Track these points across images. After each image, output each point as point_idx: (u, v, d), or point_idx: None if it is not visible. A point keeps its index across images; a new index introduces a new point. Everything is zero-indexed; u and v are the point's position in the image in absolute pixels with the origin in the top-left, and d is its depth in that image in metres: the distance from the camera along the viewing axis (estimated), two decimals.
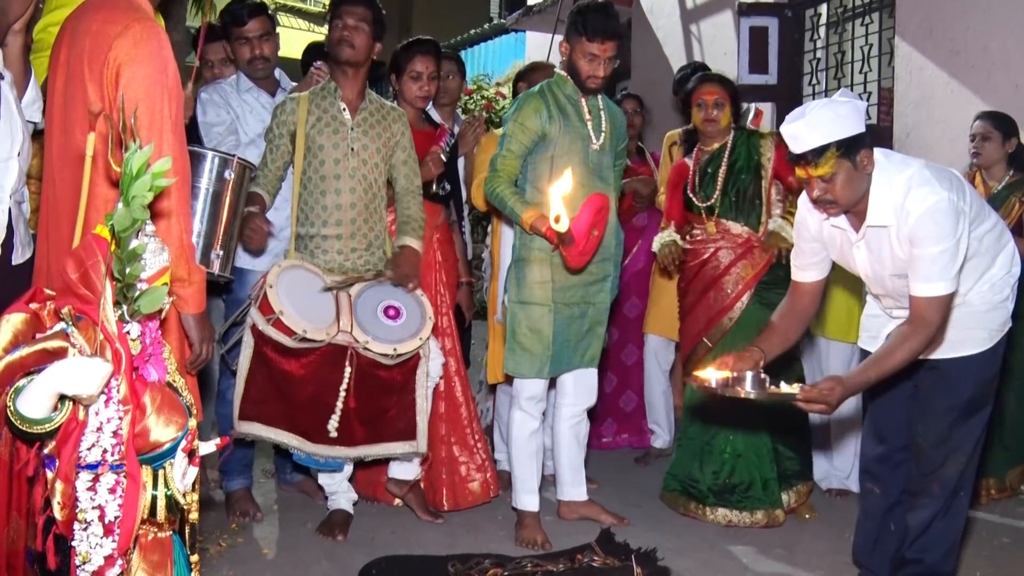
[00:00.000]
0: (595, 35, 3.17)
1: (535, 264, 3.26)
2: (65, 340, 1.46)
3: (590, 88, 3.26)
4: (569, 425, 3.45)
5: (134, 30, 2.00)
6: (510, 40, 11.82)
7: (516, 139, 3.23)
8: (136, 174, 1.50)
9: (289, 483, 3.82)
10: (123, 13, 2.04)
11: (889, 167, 2.48)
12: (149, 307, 1.48)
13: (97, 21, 2.06)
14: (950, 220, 2.39)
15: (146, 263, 1.54)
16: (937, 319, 2.44)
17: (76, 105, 2.07)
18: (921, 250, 2.41)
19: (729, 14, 6.43)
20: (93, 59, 2.02)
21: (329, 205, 3.19)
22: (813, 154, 2.40)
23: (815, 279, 2.77)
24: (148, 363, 1.55)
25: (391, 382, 3.15)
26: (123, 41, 1.99)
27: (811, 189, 2.48)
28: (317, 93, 3.25)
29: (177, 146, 2.07)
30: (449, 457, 3.63)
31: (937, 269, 2.40)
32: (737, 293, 3.57)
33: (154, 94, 2.01)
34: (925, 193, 2.40)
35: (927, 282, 2.42)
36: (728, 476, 3.52)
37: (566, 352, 3.31)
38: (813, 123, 2.40)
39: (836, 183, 2.42)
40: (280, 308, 2.92)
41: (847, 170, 2.41)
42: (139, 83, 1.99)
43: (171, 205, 1.95)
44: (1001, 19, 4.45)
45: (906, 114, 5.00)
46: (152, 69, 2.01)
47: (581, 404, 3.44)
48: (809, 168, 2.42)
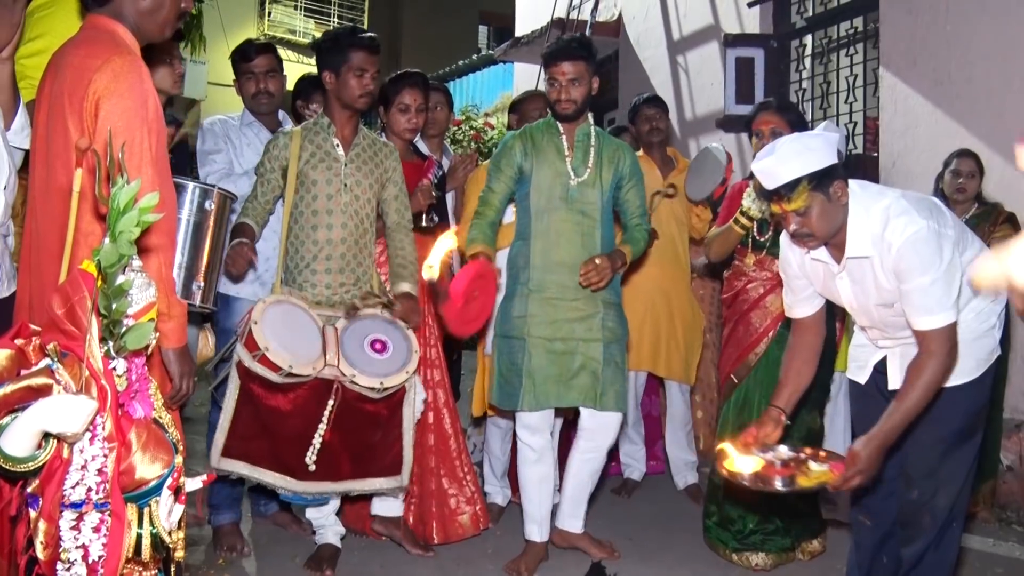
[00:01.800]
0: (550, 59, 3.26)
1: (516, 299, 3.32)
2: (50, 377, 1.44)
3: (562, 114, 3.30)
4: (582, 459, 3.41)
5: (114, 64, 1.99)
6: (498, 71, 11.91)
7: (493, 177, 3.35)
8: (123, 209, 1.50)
9: (263, 515, 3.79)
10: (105, 48, 2.04)
11: (865, 197, 2.49)
12: (135, 343, 1.46)
13: (79, 55, 2.05)
14: (932, 248, 2.39)
15: (132, 299, 1.53)
16: (945, 349, 2.42)
17: (57, 139, 2.05)
18: (910, 283, 2.41)
19: (715, 45, 6.49)
20: (73, 92, 2.01)
21: (320, 240, 3.18)
22: (785, 188, 2.40)
23: (811, 312, 2.77)
24: (134, 400, 1.53)
25: (377, 416, 3.13)
26: (103, 75, 1.98)
27: (787, 224, 2.48)
28: (310, 128, 3.25)
29: (158, 180, 2.05)
30: (439, 490, 3.61)
31: (933, 300, 2.39)
32: (765, 328, 3.53)
33: (133, 127, 1.99)
34: (904, 223, 2.40)
35: (927, 315, 2.41)
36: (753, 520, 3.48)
37: (553, 387, 3.26)
38: (783, 158, 2.40)
39: (811, 216, 2.42)
40: (265, 344, 2.90)
41: (821, 203, 2.41)
42: (118, 116, 1.98)
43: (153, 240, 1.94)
44: (984, 50, 4.50)
45: (891, 144, 5.03)
46: (132, 103, 1.99)
47: (596, 441, 3.38)
48: (783, 203, 2.43)
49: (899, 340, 2.66)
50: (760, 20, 6.13)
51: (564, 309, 3.27)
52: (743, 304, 3.61)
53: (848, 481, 2.43)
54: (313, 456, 3.01)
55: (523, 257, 3.33)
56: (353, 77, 3.16)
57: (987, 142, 4.45)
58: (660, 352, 4.30)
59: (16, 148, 2.26)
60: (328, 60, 3.18)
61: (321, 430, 3.01)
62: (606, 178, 3.35)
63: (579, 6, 7.59)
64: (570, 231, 3.28)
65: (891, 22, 5.02)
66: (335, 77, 3.17)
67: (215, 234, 2.66)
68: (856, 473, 2.41)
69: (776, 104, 3.56)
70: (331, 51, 3.17)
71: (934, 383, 2.44)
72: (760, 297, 3.56)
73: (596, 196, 3.33)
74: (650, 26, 7.32)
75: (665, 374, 4.38)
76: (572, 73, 3.24)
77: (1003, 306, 2.66)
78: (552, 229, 3.29)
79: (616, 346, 3.33)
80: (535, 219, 3.31)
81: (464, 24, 18.46)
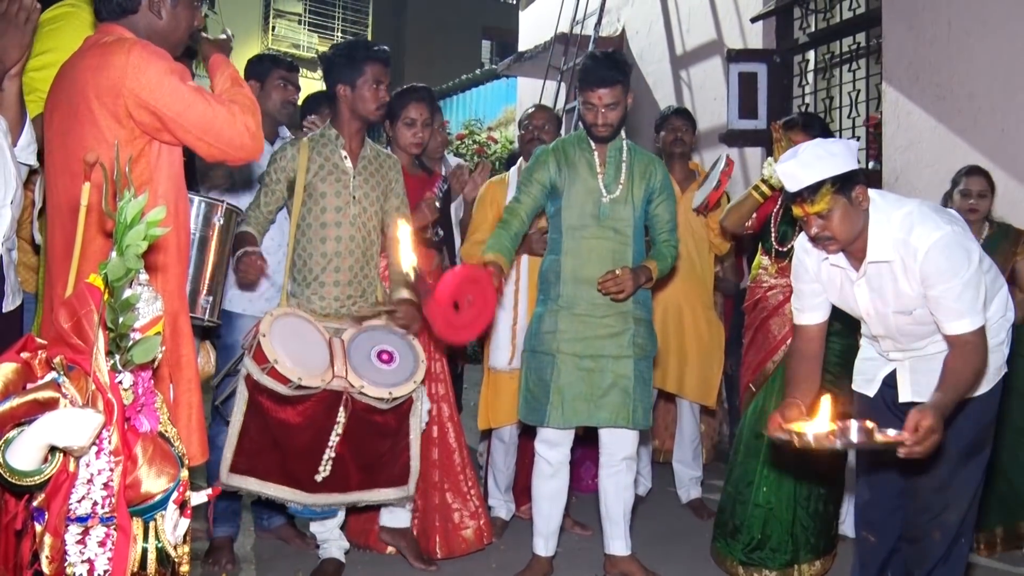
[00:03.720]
0: (588, 84, 3.21)
1: (547, 314, 3.28)
2: (56, 391, 1.44)
3: (597, 137, 3.28)
4: (607, 474, 3.39)
5: (136, 50, 2.05)
6: (501, 85, 11.95)
7: (523, 189, 3.30)
8: (130, 223, 1.50)
9: (266, 529, 3.77)
10: (119, 43, 2.08)
11: (885, 205, 2.50)
12: (142, 357, 1.46)
13: (95, 56, 2.08)
14: (959, 252, 2.40)
15: (139, 312, 1.53)
16: (980, 348, 2.42)
17: (82, 145, 2.07)
18: (939, 289, 2.41)
19: (718, 60, 6.51)
20: (102, 92, 2.04)
21: (329, 252, 3.18)
22: (808, 191, 2.42)
23: (817, 321, 2.77)
24: (140, 413, 1.53)
25: (386, 426, 3.13)
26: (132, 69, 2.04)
27: (809, 227, 2.50)
28: (317, 140, 3.24)
29: (227, 96, 2.21)
30: (442, 504, 3.60)
31: (966, 304, 2.40)
32: (783, 336, 3.51)
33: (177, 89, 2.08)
34: (929, 228, 2.41)
35: (959, 318, 2.41)
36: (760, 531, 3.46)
37: (581, 404, 3.23)
38: (806, 161, 2.43)
39: (833, 219, 2.43)
40: (275, 357, 2.89)
41: (843, 206, 2.42)
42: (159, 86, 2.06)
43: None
44: (986, 65, 4.52)
45: (894, 158, 5.04)
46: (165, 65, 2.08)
47: (617, 455, 3.35)
48: (806, 205, 2.44)
49: (911, 352, 2.66)
50: (763, 35, 6.15)
51: (594, 326, 3.24)
52: (762, 311, 3.61)
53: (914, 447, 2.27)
54: (326, 470, 3.00)
55: (554, 273, 3.30)
56: (369, 90, 3.17)
57: (990, 157, 4.46)
58: (670, 368, 4.28)
59: (22, 164, 2.26)
60: (342, 73, 3.18)
61: (333, 443, 3.01)
62: (638, 195, 3.31)
63: (583, 21, 7.61)
64: (601, 248, 3.25)
65: (894, 38, 5.04)
66: (350, 90, 3.18)
67: (220, 249, 2.67)
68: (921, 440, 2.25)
69: (802, 121, 3.57)
70: (345, 64, 3.18)
71: (980, 364, 2.42)
72: (779, 304, 3.56)
73: (628, 213, 3.30)
74: (653, 40, 7.34)
75: (676, 391, 4.36)
76: (609, 98, 3.21)
77: (1011, 322, 2.66)
78: (583, 246, 3.25)
79: (645, 362, 3.32)
80: (566, 236, 3.28)
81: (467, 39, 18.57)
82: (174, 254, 2.16)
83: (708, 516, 4.26)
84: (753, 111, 5.97)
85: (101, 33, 2.16)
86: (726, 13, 6.53)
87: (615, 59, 3.28)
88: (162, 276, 2.13)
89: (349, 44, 3.33)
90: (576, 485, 4.20)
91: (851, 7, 5.60)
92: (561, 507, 3.40)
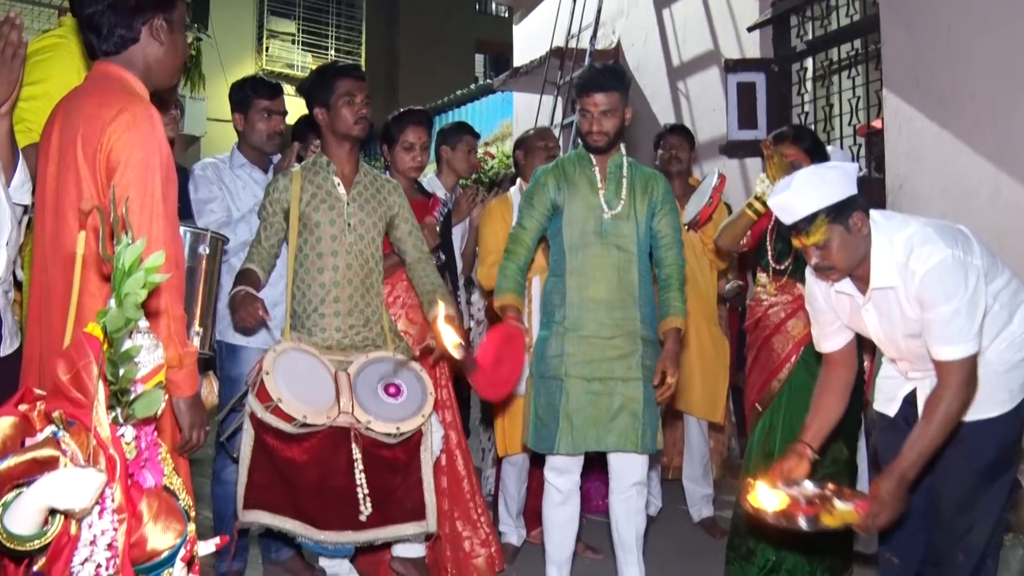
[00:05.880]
0: (584, 90, 3.17)
1: (552, 338, 3.21)
2: (56, 448, 1.38)
3: (593, 146, 3.21)
4: (617, 500, 3.30)
5: (127, 113, 1.98)
6: (497, 100, 11.91)
7: (525, 214, 3.24)
8: (129, 270, 1.45)
9: (275, 562, 3.71)
10: (117, 97, 2.02)
11: (888, 228, 2.46)
12: (144, 411, 1.41)
13: (91, 104, 2.03)
14: (957, 277, 2.35)
15: (140, 362, 1.48)
16: (962, 380, 2.38)
17: (68, 191, 2.02)
18: (933, 312, 2.37)
19: (715, 70, 6.47)
20: (87, 143, 1.99)
21: (327, 282, 3.12)
22: (804, 223, 2.39)
23: (841, 346, 2.73)
24: (144, 468, 1.47)
25: (395, 461, 3.06)
26: (116, 125, 1.97)
27: (808, 257, 2.47)
28: (309, 168, 3.19)
29: (169, 231, 2.03)
30: (453, 533, 3.54)
31: (955, 330, 2.35)
32: (787, 354, 3.47)
33: (146, 178, 1.97)
34: (928, 251, 2.37)
35: (947, 345, 2.37)
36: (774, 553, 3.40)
37: (591, 429, 3.15)
38: (800, 192, 2.39)
39: (832, 249, 2.40)
40: (278, 395, 2.83)
41: (840, 235, 2.39)
42: (132, 168, 1.96)
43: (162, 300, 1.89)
44: (987, 69, 4.47)
45: (897, 166, 4.99)
46: (144, 153, 1.98)
47: (627, 480, 3.26)
48: (802, 237, 2.42)
49: (929, 371, 2.61)
50: (760, 44, 6.12)
51: (602, 347, 3.17)
52: (764, 330, 3.56)
53: (873, 519, 2.38)
54: (367, 509, 2.94)
55: (558, 295, 3.22)
56: (344, 105, 3.10)
57: (994, 161, 4.41)
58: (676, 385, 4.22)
59: (16, 204, 2.21)
60: (317, 96, 3.14)
61: (361, 480, 2.94)
62: (640, 210, 3.24)
63: (578, 34, 7.58)
64: (606, 267, 3.18)
65: (892, 43, 5.00)
66: (327, 110, 3.13)
67: (208, 278, 2.63)
68: (879, 510, 2.35)
69: (792, 134, 3.51)
70: (318, 86, 3.13)
71: (952, 416, 2.39)
72: (781, 322, 3.52)
73: (631, 229, 3.22)
74: (649, 52, 7.31)
75: (682, 408, 4.31)
76: (605, 104, 3.14)
77: None
78: (587, 265, 3.17)
79: (652, 385, 3.24)
80: (569, 255, 3.20)
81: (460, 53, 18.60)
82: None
83: (721, 535, 4.20)
84: (752, 121, 5.94)
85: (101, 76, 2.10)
86: (722, 23, 6.50)
87: (612, 68, 3.26)
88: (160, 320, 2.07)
89: (318, 68, 3.29)
90: (586, 507, 4.13)
91: (848, 14, 5.57)
92: (573, 534, 3.33)
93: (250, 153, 3.56)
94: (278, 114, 3.55)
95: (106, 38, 2.11)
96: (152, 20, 2.11)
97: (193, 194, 3.44)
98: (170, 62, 2.18)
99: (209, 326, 2.64)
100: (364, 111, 3.12)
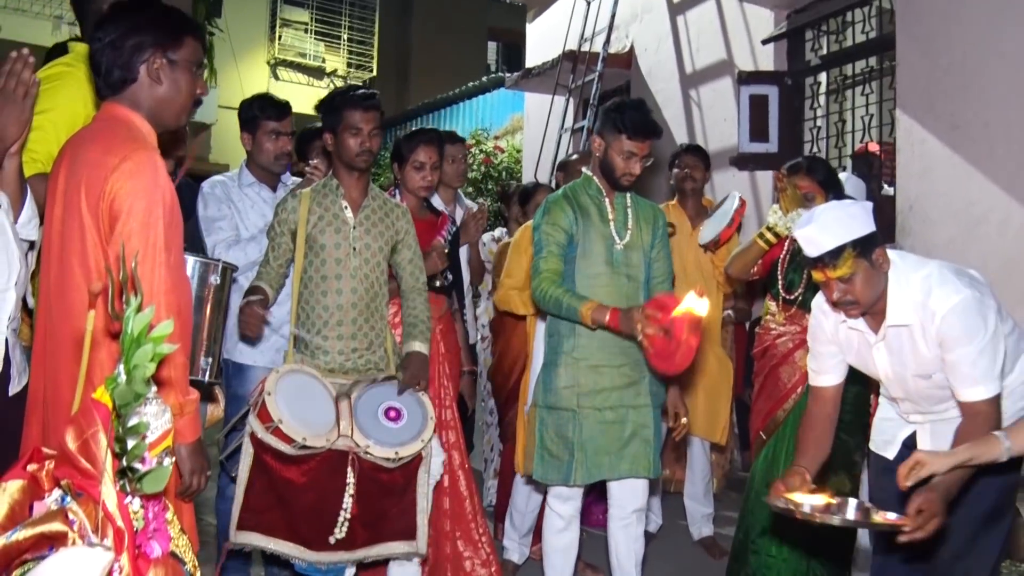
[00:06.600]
0: (635, 133, 3.14)
1: (562, 368, 3.20)
2: (64, 522, 1.39)
3: (623, 185, 3.23)
4: (618, 526, 3.31)
5: (130, 162, 1.97)
6: (508, 92, 11.85)
7: (551, 238, 3.19)
8: (137, 338, 1.46)
9: None
10: (122, 144, 2.01)
11: (904, 267, 2.47)
12: (153, 487, 1.42)
13: (96, 151, 2.03)
14: (976, 317, 2.37)
15: (149, 430, 1.49)
16: (991, 417, 2.38)
17: (72, 237, 2.03)
18: (955, 353, 2.38)
19: (728, 80, 6.44)
20: (90, 190, 2.00)
21: (331, 305, 3.13)
22: (830, 256, 2.39)
23: (833, 383, 2.74)
24: (152, 539, 1.49)
25: (392, 484, 3.08)
26: (119, 175, 1.96)
27: (830, 292, 2.46)
28: (319, 191, 3.19)
29: (171, 279, 2.02)
30: (454, 554, 3.57)
31: (980, 371, 2.36)
32: (793, 384, 3.49)
33: (149, 228, 1.98)
34: (948, 292, 2.38)
35: (974, 385, 2.38)
36: None
37: (604, 458, 3.17)
38: (826, 225, 2.39)
39: (856, 283, 2.40)
40: (279, 416, 2.86)
41: (865, 269, 2.40)
42: (134, 217, 1.96)
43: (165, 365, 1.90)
44: (1001, 95, 4.45)
45: (908, 187, 4.98)
46: (147, 202, 1.98)
47: (628, 507, 3.28)
48: (827, 270, 2.41)
49: (931, 415, 2.62)
50: (774, 57, 6.09)
51: (612, 376, 3.18)
52: (772, 359, 3.58)
53: (924, 528, 2.23)
54: (341, 532, 2.95)
55: (566, 325, 3.21)
56: (350, 137, 3.10)
57: (1006, 189, 4.40)
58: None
59: (24, 240, 2.22)
60: (327, 121, 3.15)
61: (347, 504, 2.96)
62: (646, 240, 3.27)
63: (591, 38, 7.55)
64: (615, 296, 3.18)
65: (908, 65, 4.98)
66: (334, 137, 3.13)
67: (215, 307, 2.64)
68: (930, 519, 2.22)
69: (806, 165, 3.51)
70: (328, 112, 3.14)
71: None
72: (789, 352, 3.53)
73: (639, 259, 3.26)
74: (662, 59, 7.28)
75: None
76: (648, 149, 3.18)
77: None
78: (598, 295, 3.15)
79: (658, 411, 3.27)
80: (580, 285, 3.19)
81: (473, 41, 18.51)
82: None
83: (720, 555, 4.23)
84: (764, 134, 5.92)
85: (108, 118, 2.10)
86: (736, 34, 6.47)
87: (647, 109, 3.25)
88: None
89: (333, 91, 3.28)
90: (586, 520, 4.15)
91: (864, 30, 5.54)
92: (573, 559, 3.35)
93: (258, 172, 3.56)
94: (286, 135, 3.55)
95: (105, 77, 2.10)
96: (151, 59, 2.09)
97: (202, 211, 3.44)
98: (174, 103, 2.14)
99: (217, 354, 2.66)
100: (369, 144, 3.11)
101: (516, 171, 10.41)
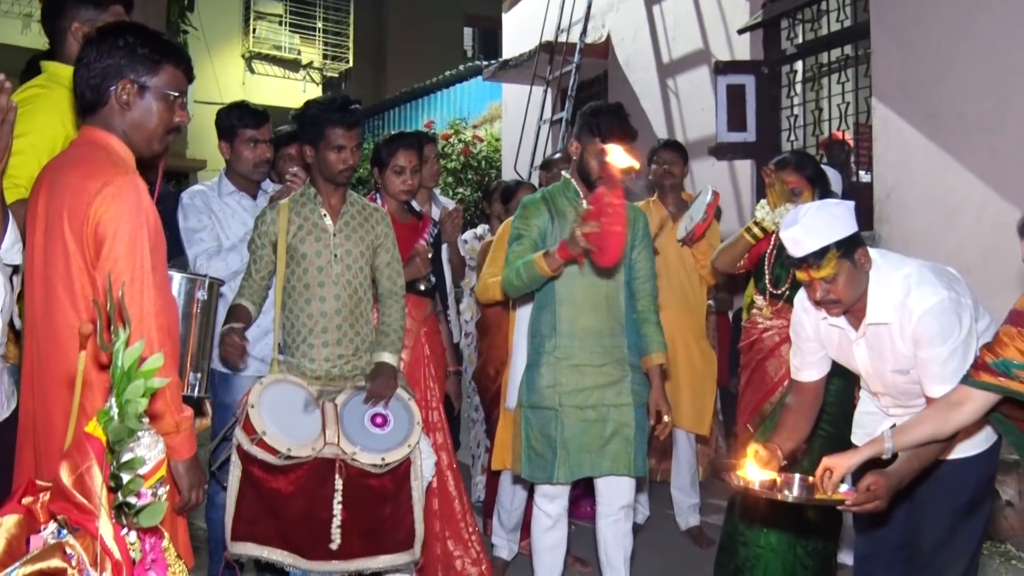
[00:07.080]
0: (610, 137, 3.15)
1: (544, 368, 3.24)
2: (63, 558, 1.41)
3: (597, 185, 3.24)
4: (606, 523, 3.35)
5: (112, 186, 1.98)
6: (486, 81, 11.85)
7: (526, 235, 3.24)
8: (128, 372, 1.47)
9: None
10: (103, 169, 2.01)
11: (885, 266, 2.52)
12: (149, 521, 1.44)
13: (76, 176, 2.03)
14: (952, 318, 2.42)
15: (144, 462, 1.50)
16: None
17: (56, 263, 2.03)
18: (929, 352, 2.44)
19: (705, 69, 6.47)
20: (73, 216, 2.00)
21: (314, 313, 3.14)
22: (814, 257, 2.43)
23: (815, 378, 2.80)
24: (149, 570, 1.51)
25: (383, 490, 3.10)
26: (102, 199, 1.97)
27: (813, 291, 2.51)
28: (297, 200, 3.19)
29: (160, 300, 2.04)
30: (444, 554, 3.60)
31: (950, 370, 2.42)
32: (780, 378, 3.52)
33: (135, 251, 1.99)
34: (927, 293, 2.44)
35: (942, 384, 2.43)
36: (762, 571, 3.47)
37: (586, 456, 3.21)
38: (810, 226, 2.43)
39: (839, 283, 2.45)
40: (263, 428, 2.87)
41: (848, 269, 2.44)
42: (120, 241, 1.97)
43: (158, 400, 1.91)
44: (976, 85, 4.49)
45: (885, 176, 5.03)
46: (132, 225, 1.99)
47: (615, 504, 3.32)
48: (811, 271, 2.46)
49: (910, 409, 2.67)
50: (751, 46, 6.11)
51: (593, 375, 3.22)
52: (759, 353, 3.61)
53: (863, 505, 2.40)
54: (337, 539, 2.97)
55: (547, 325, 3.25)
56: (332, 153, 3.08)
57: (982, 178, 4.45)
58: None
59: (7, 264, 2.22)
60: (306, 134, 3.13)
61: (337, 511, 2.98)
62: (628, 240, 3.27)
63: (567, 29, 7.55)
64: (595, 296, 3.23)
65: (883, 55, 5.01)
66: (314, 152, 3.12)
67: (204, 322, 2.64)
68: (872, 500, 2.38)
69: (794, 161, 3.54)
70: (309, 126, 3.12)
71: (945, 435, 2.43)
72: (776, 345, 3.56)
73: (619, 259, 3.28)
74: (639, 48, 7.29)
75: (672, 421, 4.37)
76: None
77: None
78: (577, 295, 3.21)
79: (642, 409, 3.29)
80: (559, 285, 3.23)
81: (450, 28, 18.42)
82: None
83: (707, 545, 4.29)
84: (742, 123, 5.94)
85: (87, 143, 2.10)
86: (713, 23, 6.49)
87: (624, 113, 3.27)
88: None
89: (312, 103, 3.23)
90: (574, 513, 4.20)
91: (839, 19, 5.56)
92: (562, 556, 3.39)
93: (238, 180, 3.55)
94: (264, 142, 3.53)
95: (79, 99, 2.11)
96: (121, 84, 2.08)
97: (182, 223, 3.43)
98: (144, 130, 2.13)
99: (205, 369, 2.67)
100: (352, 160, 3.11)
101: (496, 160, 10.39)
